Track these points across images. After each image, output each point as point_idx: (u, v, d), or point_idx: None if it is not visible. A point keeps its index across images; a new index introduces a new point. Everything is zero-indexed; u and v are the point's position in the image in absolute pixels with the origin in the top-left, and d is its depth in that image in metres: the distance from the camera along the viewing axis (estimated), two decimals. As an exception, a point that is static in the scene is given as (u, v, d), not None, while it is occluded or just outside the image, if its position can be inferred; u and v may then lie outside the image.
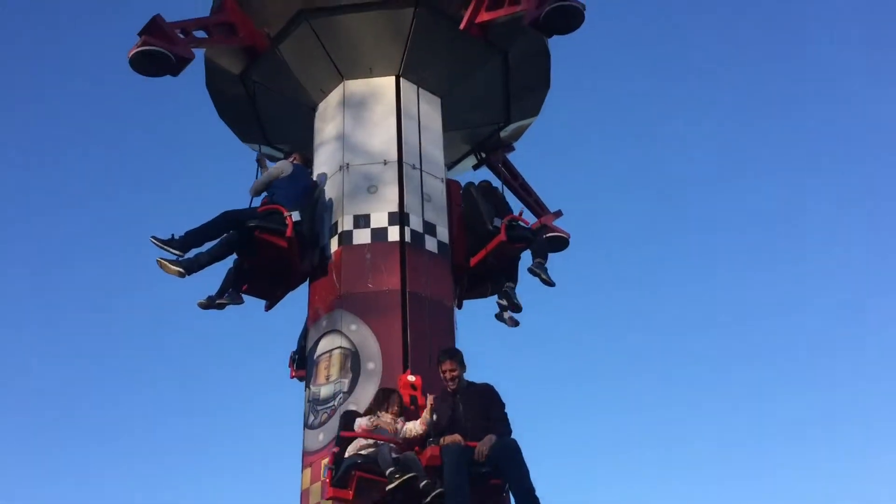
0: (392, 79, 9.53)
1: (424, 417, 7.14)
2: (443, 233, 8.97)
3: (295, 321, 9.32)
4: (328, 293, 8.48)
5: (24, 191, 22.90)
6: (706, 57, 25.57)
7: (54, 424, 20.87)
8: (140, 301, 21.68)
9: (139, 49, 8.13)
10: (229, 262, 8.68)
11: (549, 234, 11.09)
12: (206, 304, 8.61)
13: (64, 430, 20.98)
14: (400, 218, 8.66)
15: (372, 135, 9.23)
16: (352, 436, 7.15)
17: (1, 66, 22.79)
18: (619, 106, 25.36)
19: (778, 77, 24.62)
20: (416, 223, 8.75)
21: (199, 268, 8.20)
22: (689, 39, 25.93)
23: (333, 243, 8.68)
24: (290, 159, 9.19)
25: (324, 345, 8.22)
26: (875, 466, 20.65)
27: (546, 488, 6.63)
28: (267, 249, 8.41)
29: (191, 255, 8.14)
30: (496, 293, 9.38)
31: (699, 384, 22.85)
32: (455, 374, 7.28)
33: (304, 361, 8.65)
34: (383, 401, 7.33)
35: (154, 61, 8.28)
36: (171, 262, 8.03)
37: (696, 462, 21.53)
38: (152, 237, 7.98)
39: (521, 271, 9.39)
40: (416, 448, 7.03)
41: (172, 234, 8.05)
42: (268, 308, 9.13)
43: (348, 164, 9.05)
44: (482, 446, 6.74)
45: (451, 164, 11.11)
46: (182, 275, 8.07)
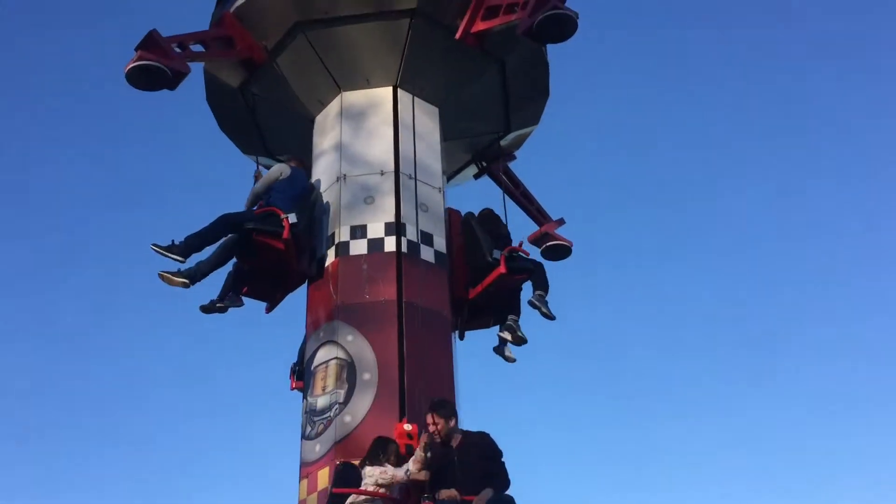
0: (389, 89, 9.55)
1: (418, 455, 6.73)
2: (440, 242, 8.97)
3: (295, 327, 9.37)
4: (325, 304, 8.50)
5: (25, 193, 23.12)
6: (705, 63, 25.60)
7: (52, 429, 21.07)
8: (141, 308, 21.84)
9: (135, 64, 8.19)
10: (230, 265, 8.78)
11: (551, 243, 11.09)
12: (208, 308, 8.72)
13: (62, 435, 21.18)
14: (396, 228, 8.67)
15: (369, 145, 9.25)
16: (346, 492, 6.87)
17: (5, 74, 23.01)
18: (620, 113, 25.48)
19: (778, 81, 24.60)
20: (412, 233, 8.76)
21: (203, 276, 8.33)
22: (688, 45, 25.94)
23: (330, 254, 8.71)
24: (288, 162, 9.24)
25: (321, 356, 8.24)
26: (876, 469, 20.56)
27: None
28: (264, 251, 8.50)
29: (192, 262, 8.22)
30: (498, 324, 9.24)
31: (702, 392, 22.83)
32: (438, 427, 6.82)
33: (304, 373, 8.67)
34: (380, 451, 6.98)
35: (150, 76, 8.33)
36: (174, 273, 8.13)
37: (698, 467, 21.49)
38: (153, 245, 8.04)
39: (523, 302, 9.26)
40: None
41: (173, 240, 8.11)
42: (268, 310, 9.23)
43: (345, 174, 9.08)
44: (478, 502, 6.51)
45: (453, 174, 11.13)
46: (187, 285, 8.19)
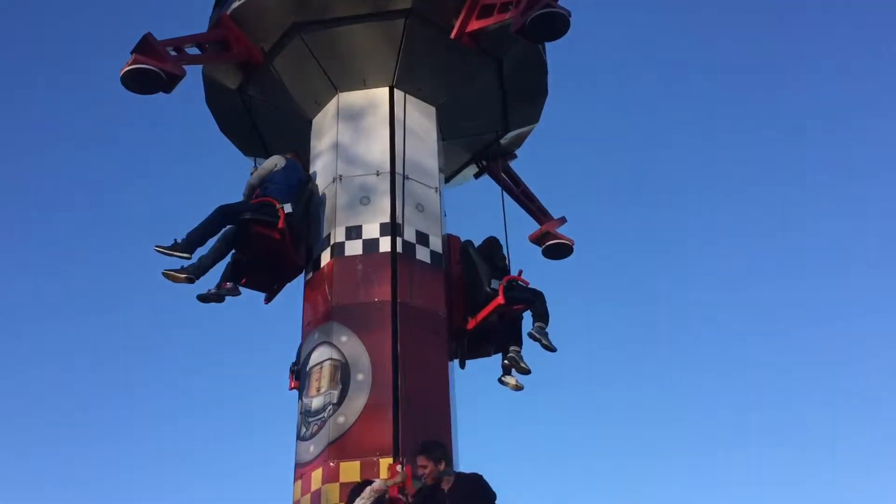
0: (386, 90, 9.55)
1: (396, 481, 6.78)
2: (435, 242, 8.96)
3: (293, 324, 9.36)
4: (321, 305, 8.52)
5: (24, 191, 23.24)
6: (709, 60, 25.47)
7: (46, 427, 21.17)
8: (137, 305, 21.93)
9: (130, 67, 8.23)
10: (229, 256, 8.83)
11: (552, 242, 11.05)
12: (206, 297, 8.76)
13: (57, 434, 21.30)
14: (392, 229, 8.67)
15: (365, 146, 9.26)
16: None
17: (7, 74, 23.18)
18: (622, 112, 25.34)
19: (780, 81, 24.44)
20: (408, 233, 8.76)
21: (205, 270, 8.41)
22: (691, 42, 25.80)
23: (326, 255, 8.73)
24: (284, 154, 9.26)
25: (315, 356, 8.26)
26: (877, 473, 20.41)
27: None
28: (261, 241, 8.58)
29: (194, 258, 8.28)
30: (500, 352, 9.06)
31: (704, 395, 22.74)
32: (427, 471, 6.73)
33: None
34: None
35: (145, 79, 8.37)
36: (176, 271, 8.18)
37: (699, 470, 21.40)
38: (156, 247, 8.10)
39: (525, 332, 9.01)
40: None
41: (175, 239, 8.16)
42: (267, 301, 9.29)
43: (341, 175, 9.09)
44: None
45: (453, 174, 11.12)
46: (192, 280, 8.28)
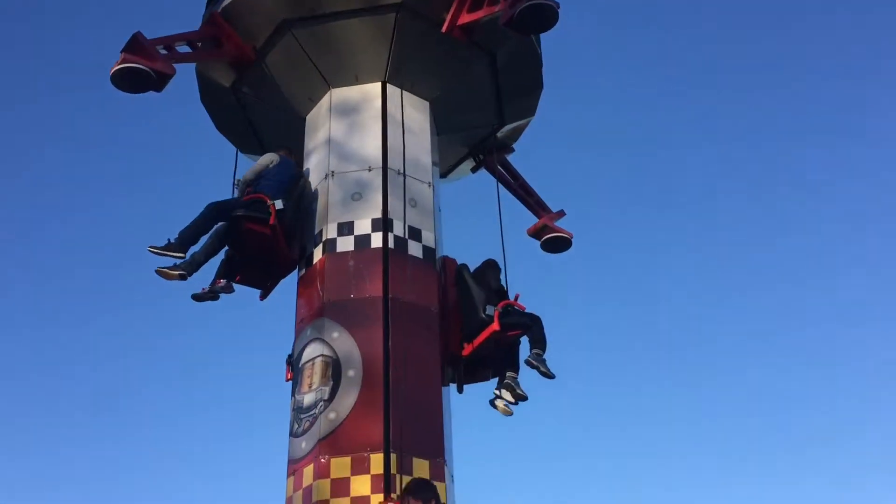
0: (378, 85, 9.51)
1: None
2: (428, 237, 8.93)
3: (290, 320, 9.35)
4: (313, 301, 8.52)
5: (23, 191, 23.36)
6: (708, 56, 25.37)
7: (40, 425, 21.26)
8: (134, 304, 22.00)
9: (118, 67, 8.24)
10: (223, 252, 8.84)
11: (551, 235, 11.00)
12: (200, 296, 8.75)
13: (57, 434, 21.39)
14: (383, 224, 8.65)
15: (357, 142, 9.24)
16: None
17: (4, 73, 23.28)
18: (621, 104, 25.22)
19: (782, 79, 24.30)
20: (399, 229, 8.73)
21: (199, 266, 8.42)
22: (690, 37, 25.67)
23: (318, 251, 8.72)
24: (277, 152, 9.26)
25: (308, 353, 8.26)
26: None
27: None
28: (253, 238, 8.57)
29: (187, 256, 8.30)
30: (497, 377, 8.92)
31: (703, 394, 22.64)
32: None
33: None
34: None
35: (135, 78, 8.38)
36: (169, 268, 8.20)
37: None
38: (150, 248, 8.11)
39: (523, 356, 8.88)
40: None
41: (168, 239, 8.19)
42: (262, 297, 9.27)
43: (333, 171, 9.08)
44: None
45: (450, 169, 11.08)
46: (184, 277, 8.28)
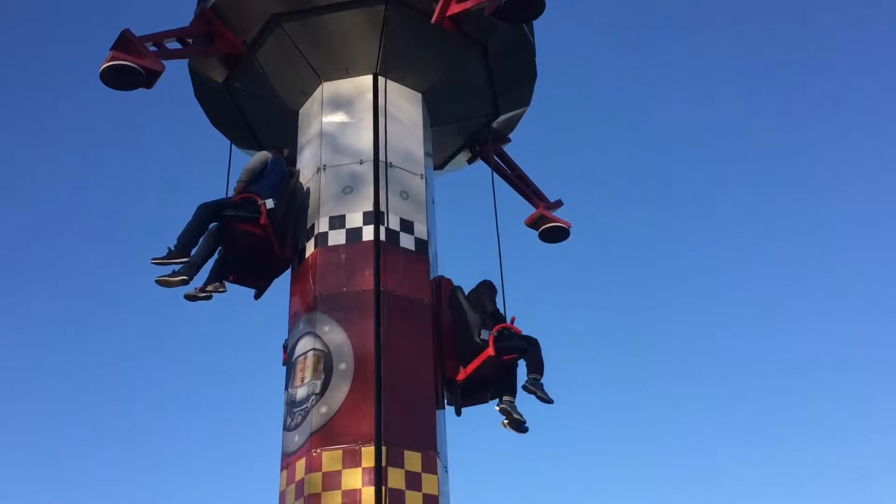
0: (369, 77, 9.50)
1: None
2: (420, 230, 8.92)
3: (282, 314, 9.38)
4: (305, 295, 8.53)
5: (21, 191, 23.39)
6: (707, 43, 25.16)
7: (34, 423, 21.31)
8: (132, 306, 22.04)
9: (107, 65, 8.27)
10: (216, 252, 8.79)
11: (548, 225, 10.95)
12: (193, 297, 8.68)
13: (57, 435, 21.46)
14: (375, 217, 8.64)
15: (349, 135, 9.23)
16: None
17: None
18: (619, 94, 25.09)
19: (784, 79, 24.10)
20: (392, 221, 8.72)
21: (197, 268, 8.38)
22: (688, 28, 25.48)
23: (310, 245, 8.73)
24: (269, 151, 9.22)
25: (300, 347, 8.27)
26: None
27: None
28: (245, 238, 8.56)
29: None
30: (495, 398, 8.73)
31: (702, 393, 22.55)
32: None
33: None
34: None
35: (125, 75, 8.40)
36: (169, 276, 8.16)
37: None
38: (153, 259, 8.15)
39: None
40: None
41: (168, 248, 8.21)
42: (257, 297, 9.24)
43: (325, 165, 9.08)
44: None
45: (446, 160, 11.06)
46: (186, 282, 8.25)
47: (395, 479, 7.46)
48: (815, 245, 23.46)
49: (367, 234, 8.60)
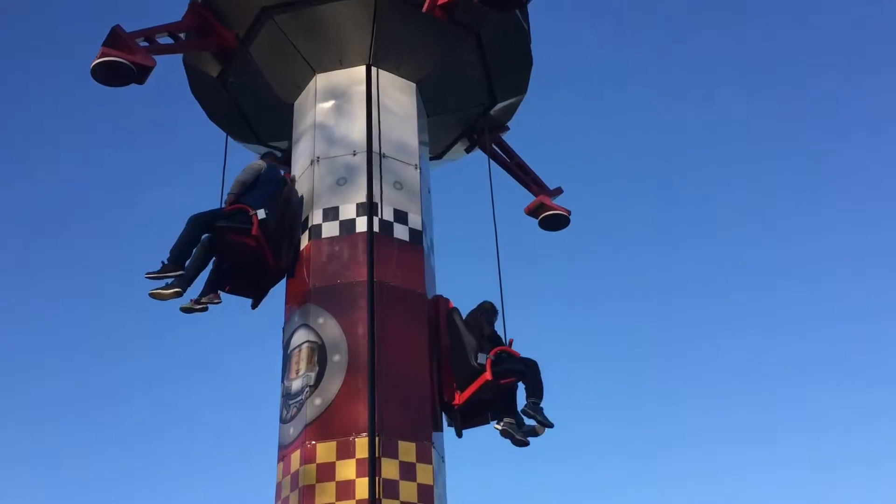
0: (362, 68, 9.47)
1: None
2: (414, 220, 8.89)
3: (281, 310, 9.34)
4: (300, 288, 8.53)
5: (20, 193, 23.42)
6: (707, 43, 24.96)
7: (28, 422, 21.35)
8: (126, 298, 22.01)
9: (98, 61, 8.28)
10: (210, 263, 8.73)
11: (548, 213, 10.89)
12: (189, 309, 8.59)
13: (57, 435, 21.45)
14: (368, 208, 8.63)
15: (342, 127, 9.21)
16: None
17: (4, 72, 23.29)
18: (618, 94, 24.92)
19: (784, 68, 23.93)
20: (385, 212, 8.70)
21: (191, 280, 8.33)
22: (688, 28, 25.27)
23: (304, 238, 8.73)
24: (263, 159, 9.22)
25: (295, 340, 8.28)
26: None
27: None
28: (237, 248, 8.49)
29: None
30: (496, 419, 8.55)
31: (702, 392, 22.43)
32: None
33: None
34: None
35: (116, 72, 8.41)
36: (162, 289, 8.13)
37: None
38: (147, 274, 8.12)
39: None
40: None
41: (162, 262, 8.18)
42: (254, 306, 9.12)
43: (319, 157, 9.06)
44: None
45: (445, 150, 11.02)
46: (180, 294, 8.19)
47: (389, 469, 7.46)
48: (815, 245, 23.40)
49: (361, 225, 8.58)
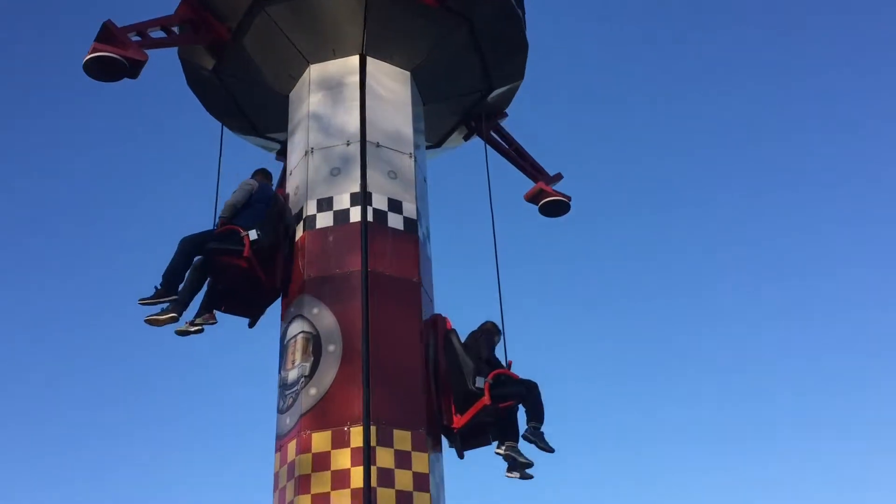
0: (356, 58, 9.47)
1: None
2: (409, 209, 8.89)
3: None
4: (295, 279, 8.55)
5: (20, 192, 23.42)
6: (707, 43, 24.76)
7: (35, 420, 21.41)
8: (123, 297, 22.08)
9: (89, 56, 8.31)
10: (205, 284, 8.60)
11: (549, 199, 10.83)
12: (184, 332, 8.44)
13: (46, 428, 21.44)
14: (362, 198, 8.63)
15: (336, 117, 9.21)
16: None
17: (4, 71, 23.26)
18: (618, 94, 24.74)
19: (784, 68, 23.70)
20: (379, 202, 8.71)
21: (186, 304, 8.30)
22: (687, 27, 25.05)
23: (299, 229, 8.74)
24: (254, 177, 9.11)
25: (291, 330, 8.31)
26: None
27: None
28: (229, 271, 8.41)
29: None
30: (497, 440, 8.38)
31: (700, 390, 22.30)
32: None
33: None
34: None
35: (108, 67, 8.44)
36: (157, 314, 8.12)
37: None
38: (140, 301, 8.14)
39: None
40: None
41: (155, 287, 8.19)
42: (251, 325, 8.94)
43: (313, 148, 9.07)
44: None
45: (443, 138, 10.99)
46: (175, 319, 8.18)
47: (384, 458, 7.48)
48: (815, 245, 23.23)
49: (355, 215, 8.59)
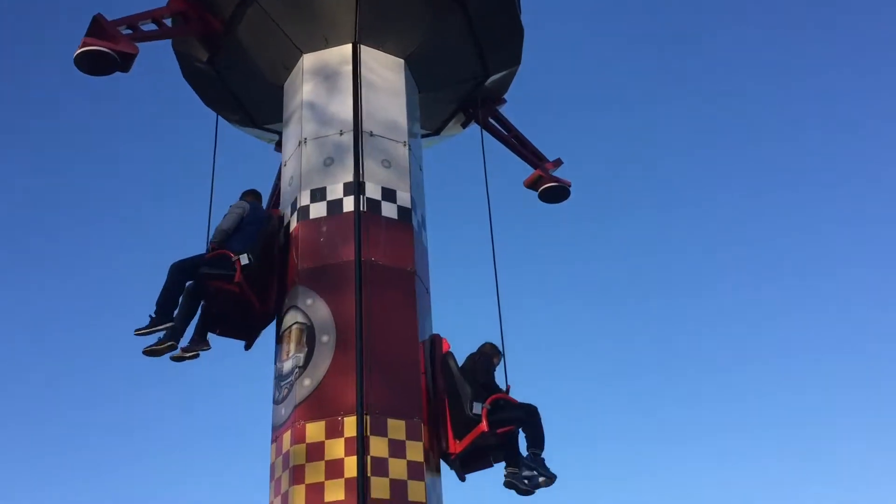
0: (349, 47, 9.41)
1: None
2: (403, 197, 8.84)
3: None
4: (290, 270, 8.52)
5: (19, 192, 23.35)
6: (707, 42, 24.49)
7: (35, 420, 21.35)
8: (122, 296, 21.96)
9: (80, 51, 8.30)
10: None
11: (548, 185, 10.74)
12: (179, 358, 8.36)
13: (46, 428, 21.38)
14: (355, 187, 8.59)
15: (329, 106, 9.16)
16: None
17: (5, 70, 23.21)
18: (618, 94, 24.51)
19: (785, 68, 23.39)
20: (372, 191, 8.66)
21: (182, 332, 8.26)
22: (688, 28, 24.77)
23: (293, 220, 8.72)
24: (244, 198, 9.01)
25: (286, 321, 8.30)
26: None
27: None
28: (221, 296, 8.32)
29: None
30: (498, 462, 8.15)
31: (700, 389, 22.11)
32: None
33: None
34: None
35: (99, 61, 8.43)
36: (155, 345, 8.08)
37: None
38: (136, 331, 8.07)
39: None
40: None
41: (150, 315, 8.13)
42: (247, 347, 8.83)
43: (307, 138, 9.04)
44: None
45: (441, 126, 10.93)
46: (174, 347, 8.15)
47: (378, 447, 7.45)
48: (815, 245, 23.01)
49: (348, 205, 8.55)
